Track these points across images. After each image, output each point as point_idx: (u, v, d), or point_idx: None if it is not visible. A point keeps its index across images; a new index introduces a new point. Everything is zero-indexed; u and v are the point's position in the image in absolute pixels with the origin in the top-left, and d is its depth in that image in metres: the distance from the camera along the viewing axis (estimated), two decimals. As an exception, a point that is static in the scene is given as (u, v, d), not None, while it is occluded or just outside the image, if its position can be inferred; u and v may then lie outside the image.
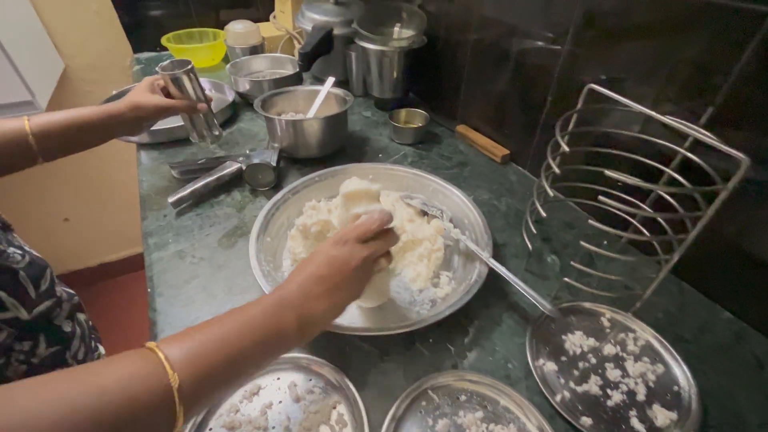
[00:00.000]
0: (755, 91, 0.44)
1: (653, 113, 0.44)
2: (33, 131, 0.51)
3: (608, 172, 0.40)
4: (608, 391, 0.44)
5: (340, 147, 0.83)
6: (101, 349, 0.60)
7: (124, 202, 1.56)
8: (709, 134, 0.44)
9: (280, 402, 0.42)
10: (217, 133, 0.75)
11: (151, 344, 0.29)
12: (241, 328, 0.32)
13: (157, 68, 0.65)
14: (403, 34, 0.95)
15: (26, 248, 0.49)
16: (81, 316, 0.57)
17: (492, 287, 0.54)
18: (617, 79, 0.57)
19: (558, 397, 0.43)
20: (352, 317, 0.51)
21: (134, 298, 1.63)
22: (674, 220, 0.50)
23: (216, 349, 0.30)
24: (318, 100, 0.80)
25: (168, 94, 0.66)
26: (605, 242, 0.63)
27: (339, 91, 0.83)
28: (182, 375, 0.27)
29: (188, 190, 0.66)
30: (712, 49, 0.46)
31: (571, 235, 0.64)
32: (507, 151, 0.82)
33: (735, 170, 0.37)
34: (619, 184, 0.45)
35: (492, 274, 0.52)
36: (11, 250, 0.46)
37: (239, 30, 1.10)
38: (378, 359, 0.46)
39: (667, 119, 0.43)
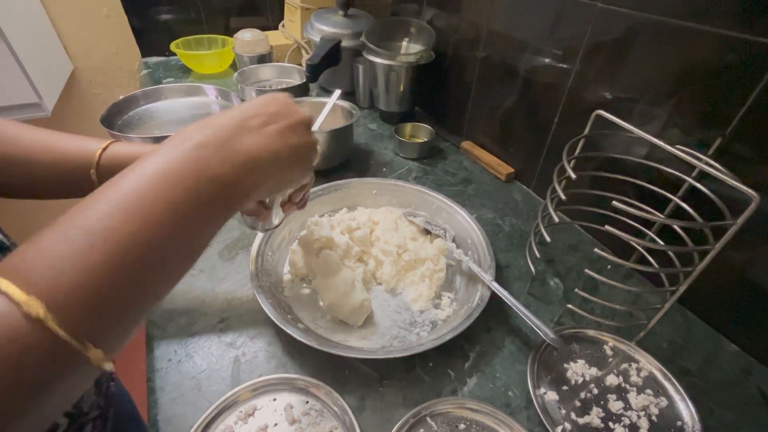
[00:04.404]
0: (767, 124, 0.44)
1: (662, 143, 0.44)
2: (101, 164, 0.41)
3: (616, 204, 0.39)
4: (610, 424, 0.43)
5: (344, 160, 0.83)
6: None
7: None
8: (718, 166, 0.44)
9: (276, 425, 0.41)
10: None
11: None
12: (141, 194, 0.23)
13: None
14: (411, 49, 0.95)
15: None
16: None
17: (494, 310, 0.53)
18: (626, 101, 0.57)
19: (559, 429, 0.42)
20: (352, 338, 0.50)
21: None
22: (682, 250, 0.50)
23: (105, 237, 0.21)
24: (324, 113, 0.80)
25: None
26: (609, 267, 0.62)
27: (345, 103, 0.82)
28: (52, 294, 0.19)
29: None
30: (725, 79, 0.46)
31: (575, 258, 0.64)
32: (512, 170, 0.81)
33: (743, 199, 0.37)
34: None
35: (494, 295, 0.51)
36: None
37: (247, 39, 1.10)
38: (377, 383, 0.45)
39: (676, 150, 0.43)
